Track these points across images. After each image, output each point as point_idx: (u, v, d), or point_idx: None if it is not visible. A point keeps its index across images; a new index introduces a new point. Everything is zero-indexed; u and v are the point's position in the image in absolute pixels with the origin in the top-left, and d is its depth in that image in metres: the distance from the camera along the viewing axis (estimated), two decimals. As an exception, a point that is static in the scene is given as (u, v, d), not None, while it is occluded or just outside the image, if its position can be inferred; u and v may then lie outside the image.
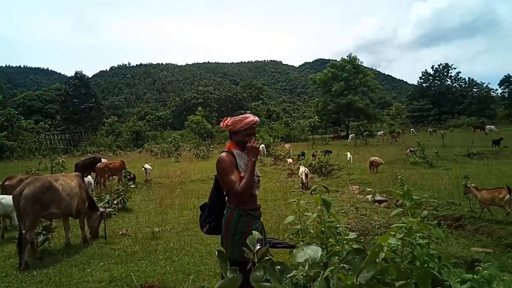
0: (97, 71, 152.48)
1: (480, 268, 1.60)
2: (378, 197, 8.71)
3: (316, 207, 1.83)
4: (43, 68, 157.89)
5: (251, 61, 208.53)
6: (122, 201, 8.63)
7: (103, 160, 12.82)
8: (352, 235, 1.71)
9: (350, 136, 34.07)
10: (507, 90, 62.85)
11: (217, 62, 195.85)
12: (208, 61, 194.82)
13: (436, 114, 62.28)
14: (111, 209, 7.01)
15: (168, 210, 8.34)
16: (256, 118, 2.76)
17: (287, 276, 1.56)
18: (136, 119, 51.17)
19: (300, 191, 8.34)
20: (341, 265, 1.51)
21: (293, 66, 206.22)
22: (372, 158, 13.48)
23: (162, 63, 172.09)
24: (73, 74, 52.41)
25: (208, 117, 56.28)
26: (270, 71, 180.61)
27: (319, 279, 1.41)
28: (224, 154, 2.61)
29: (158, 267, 4.58)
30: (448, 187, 8.91)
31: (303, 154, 19.02)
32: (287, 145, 24.91)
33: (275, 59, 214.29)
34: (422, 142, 17.31)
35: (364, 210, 6.90)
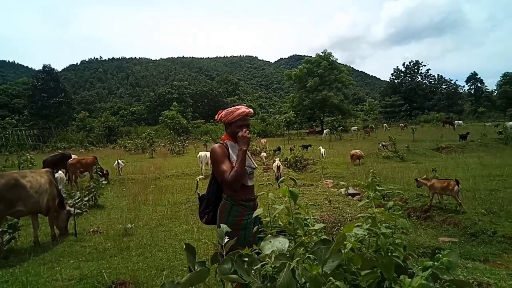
0: (67, 65, 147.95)
1: (441, 255, 1.65)
2: (351, 190, 8.90)
3: (284, 199, 1.84)
4: (8, 61, 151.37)
5: (227, 56, 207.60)
6: (93, 197, 8.41)
7: (74, 156, 12.45)
8: (318, 226, 1.72)
9: (324, 131, 34.56)
10: (473, 86, 65.54)
11: (192, 57, 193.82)
12: (183, 56, 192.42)
13: (407, 110, 64.05)
14: (79, 210, 6.80)
15: (142, 206, 8.20)
16: (249, 110, 2.78)
17: (255, 268, 1.57)
18: (109, 114, 49.89)
19: (269, 183, 8.39)
20: (307, 255, 1.53)
21: (268, 61, 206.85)
22: (353, 151, 14.06)
23: (135, 57, 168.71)
24: (41, 68, 50.51)
25: (183, 112, 55.58)
26: (246, 66, 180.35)
27: (285, 269, 1.42)
28: (217, 145, 2.70)
29: (131, 264, 4.50)
30: (418, 180, 9.20)
31: (279, 149, 19.15)
32: (263, 140, 25.00)
33: (251, 55, 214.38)
34: (393, 137, 17.77)
35: (337, 203, 7.02)
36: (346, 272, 1.63)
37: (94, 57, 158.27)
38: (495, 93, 63.27)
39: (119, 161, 13.52)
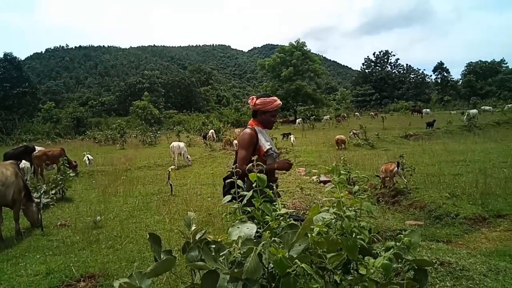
0: (31, 53, 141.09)
1: (402, 235, 1.71)
2: (323, 178, 9.04)
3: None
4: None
5: (199, 45, 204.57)
6: (60, 190, 8.14)
7: (39, 148, 11.97)
8: (284, 211, 1.74)
9: (297, 120, 34.87)
10: (439, 76, 67.84)
11: (164, 46, 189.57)
12: (154, 45, 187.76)
13: (377, 99, 65.60)
14: (49, 199, 6.58)
15: (112, 198, 8.02)
16: (280, 102, 3.13)
17: (222, 254, 1.57)
18: (77, 105, 48.41)
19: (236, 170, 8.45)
20: (273, 239, 1.54)
21: (242, 51, 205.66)
22: (338, 136, 14.89)
23: (104, 46, 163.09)
24: (1, 56, 47.87)
25: (155, 103, 54.59)
26: (218, 55, 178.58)
27: (252, 254, 1.42)
28: (248, 130, 2.89)
29: (100, 257, 4.40)
30: (387, 167, 9.47)
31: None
32: (237, 130, 24.89)
33: (223, 44, 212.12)
34: (364, 125, 18.21)
35: (309, 190, 7.13)
36: (312, 255, 1.66)
37: (60, 45, 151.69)
38: (460, 82, 65.80)
39: (89, 156, 13.26)
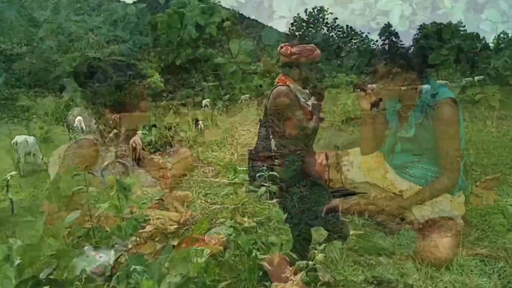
0: None
1: (315, 252, 1.78)
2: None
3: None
4: None
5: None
6: None
7: None
8: (149, 228, 1.69)
9: (204, 101, 34.85)
10: (387, 41, 72.84)
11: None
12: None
13: (313, 71, 68.57)
14: None
15: None
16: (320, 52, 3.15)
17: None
18: None
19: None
20: (133, 268, 1.49)
21: (124, 1, 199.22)
22: None
23: None
24: None
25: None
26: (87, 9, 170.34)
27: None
28: (284, 88, 2.89)
29: None
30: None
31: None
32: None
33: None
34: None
35: (216, 198, 7.16)
36: (199, 286, 1.63)
37: None
38: (412, 50, 71.48)
39: None
